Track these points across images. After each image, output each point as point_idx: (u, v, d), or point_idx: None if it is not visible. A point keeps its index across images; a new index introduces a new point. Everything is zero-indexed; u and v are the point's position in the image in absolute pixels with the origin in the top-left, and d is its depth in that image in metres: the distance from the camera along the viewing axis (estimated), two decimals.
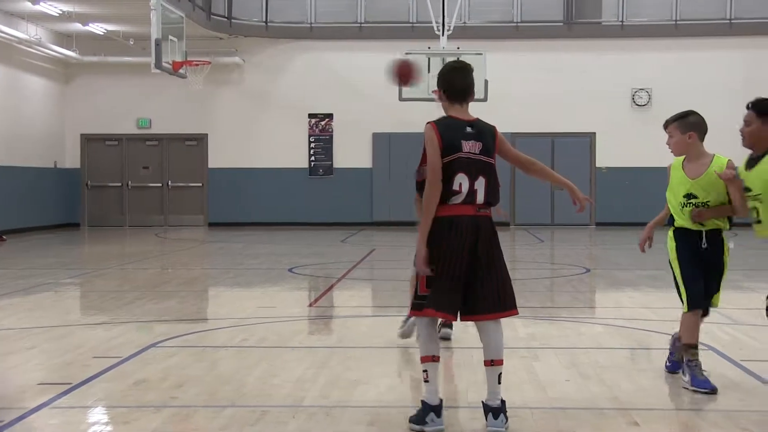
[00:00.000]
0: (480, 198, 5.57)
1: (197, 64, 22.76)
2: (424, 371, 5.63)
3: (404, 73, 6.47)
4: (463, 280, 5.57)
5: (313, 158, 27.25)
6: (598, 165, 26.93)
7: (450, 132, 5.59)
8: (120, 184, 28.11)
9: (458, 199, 5.53)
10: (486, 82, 22.94)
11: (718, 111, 26.33)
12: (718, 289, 6.91)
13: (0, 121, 24.04)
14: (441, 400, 5.65)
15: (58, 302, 12.12)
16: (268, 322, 9.73)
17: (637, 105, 26.90)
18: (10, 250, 20.16)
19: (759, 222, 6.50)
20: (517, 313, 5.84)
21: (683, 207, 6.96)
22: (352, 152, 27.33)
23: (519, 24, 27.35)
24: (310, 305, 11.32)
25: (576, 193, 5.95)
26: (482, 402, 5.68)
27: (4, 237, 22.12)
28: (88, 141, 28.10)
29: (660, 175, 27.60)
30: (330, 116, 27.25)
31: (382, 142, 27.23)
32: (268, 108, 27.10)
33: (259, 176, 27.02)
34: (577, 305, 11.50)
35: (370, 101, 26.50)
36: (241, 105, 27.14)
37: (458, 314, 5.68)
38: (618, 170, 26.41)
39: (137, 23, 22.92)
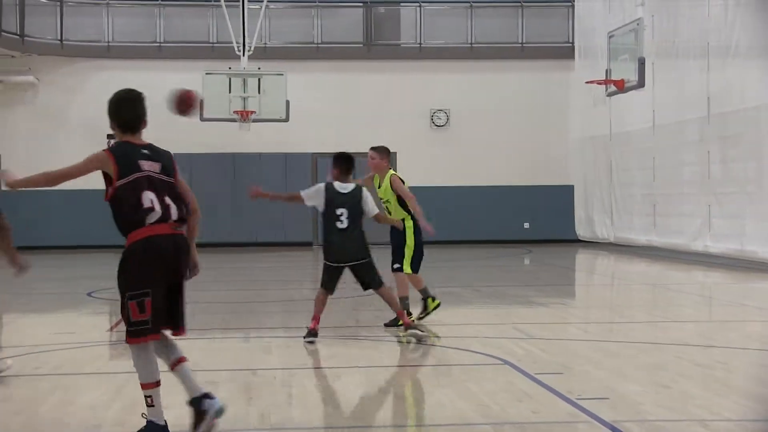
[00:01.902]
0: (173, 215, 5.71)
1: None
2: (149, 397, 5.65)
3: (185, 104, 6.47)
4: (168, 297, 5.70)
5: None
6: None
7: (126, 155, 5.70)
8: None
9: (154, 218, 5.61)
10: (287, 102, 23.01)
11: (510, 130, 27.40)
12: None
13: None
14: (165, 422, 5.70)
15: None
16: (64, 348, 9.39)
17: (436, 125, 27.53)
18: None
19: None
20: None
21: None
22: None
23: (319, 45, 27.53)
24: (110, 330, 11.00)
25: None
26: (190, 401, 5.84)
27: None
28: None
29: (460, 193, 28.32)
30: None
31: (183, 163, 26.75)
32: (66, 128, 26.24)
33: (57, 198, 26.09)
34: (380, 324, 11.61)
35: (170, 122, 26.00)
36: (37, 125, 26.17)
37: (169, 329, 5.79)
38: (418, 189, 26.81)
39: None
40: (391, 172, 10.81)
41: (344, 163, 9.86)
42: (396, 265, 10.58)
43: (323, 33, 27.66)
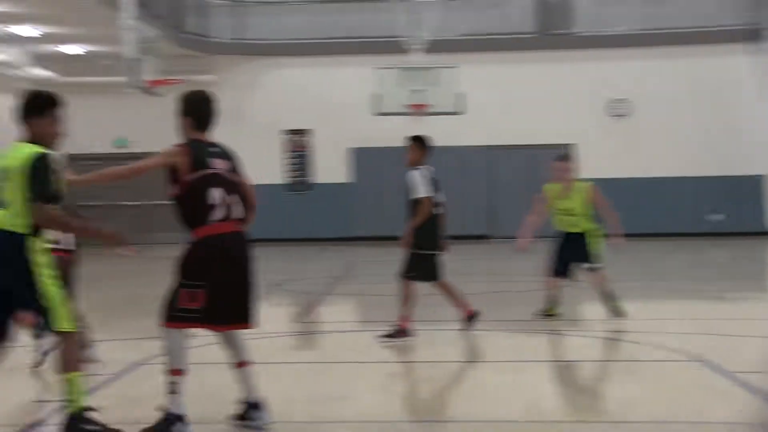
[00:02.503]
0: (237, 213, 5.83)
1: (172, 83, 22.53)
2: (173, 383, 5.75)
3: None
4: (234, 291, 5.84)
5: (290, 174, 27.11)
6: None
7: (200, 150, 5.86)
8: (101, 204, 27.90)
9: (217, 216, 5.71)
10: (461, 95, 22.95)
11: (695, 118, 26.56)
12: None
13: None
14: (184, 413, 5.78)
15: None
16: (251, 338, 9.55)
17: (615, 116, 26.95)
18: None
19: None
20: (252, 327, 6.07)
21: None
22: (329, 167, 27.20)
23: (493, 36, 27.35)
24: (294, 321, 11.19)
25: None
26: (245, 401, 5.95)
27: None
28: (68, 161, 27.82)
29: (640, 185, 27.53)
30: (306, 132, 27.17)
31: (360, 157, 27.15)
32: (243, 125, 26.84)
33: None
34: (562, 317, 11.42)
35: (345, 116, 26.42)
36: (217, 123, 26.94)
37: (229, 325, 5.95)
38: (598, 182, 26.28)
39: (114, 42, 22.75)
40: (586, 183, 10.69)
41: (428, 145, 9.57)
42: (590, 265, 10.38)
43: (496, 24, 27.48)
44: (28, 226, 5.41)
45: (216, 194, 5.73)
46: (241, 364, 5.98)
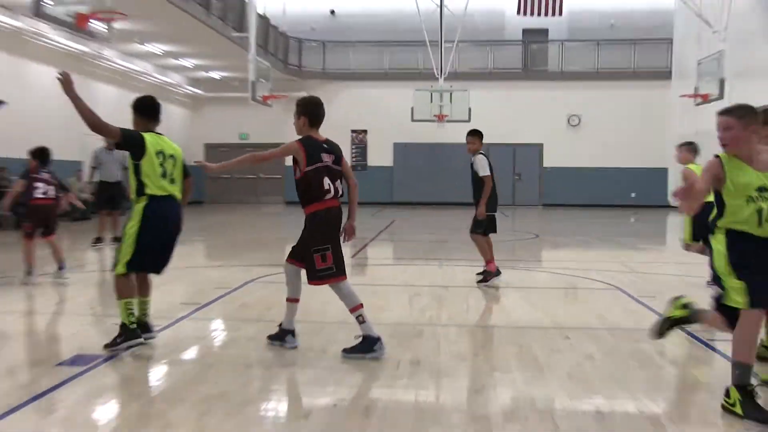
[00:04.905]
0: (339, 193, 5.19)
1: (278, 98, 22.69)
2: (359, 316, 5.17)
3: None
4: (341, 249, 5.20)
5: (353, 160, 27.25)
6: (544, 165, 26.81)
7: (313, 148, 5.12)
8: (229, 177, 28.30)
9: (329, 195, 5.10)
10: (470, 109, 22.82)
11: (625, 129, 26.25)
12: None
13: None
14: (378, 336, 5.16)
15: (193, 251, 12.22)
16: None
17: (571, 125, 26.72)
18: None
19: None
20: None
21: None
22: (379, 155, 27.31)
23: (492, 70, 27.18)
24: (352, 257, 11.34)
25: None
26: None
27: None
28: (209, 148, 28.18)
29: (587, 172, 27.06)
30: (365, 131, 27.25)
31: (400, 148, 27.20)
32: (325, 126, 26.74)
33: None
34: (530, 259, 11.47)
35: (392, 121, 26.48)
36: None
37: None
38: (558, 169, 26.24)
39: (241, 71, 22.97)
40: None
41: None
42: None
43: (494, 60, 27.29)
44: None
45: (326, 181, 5.04)
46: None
